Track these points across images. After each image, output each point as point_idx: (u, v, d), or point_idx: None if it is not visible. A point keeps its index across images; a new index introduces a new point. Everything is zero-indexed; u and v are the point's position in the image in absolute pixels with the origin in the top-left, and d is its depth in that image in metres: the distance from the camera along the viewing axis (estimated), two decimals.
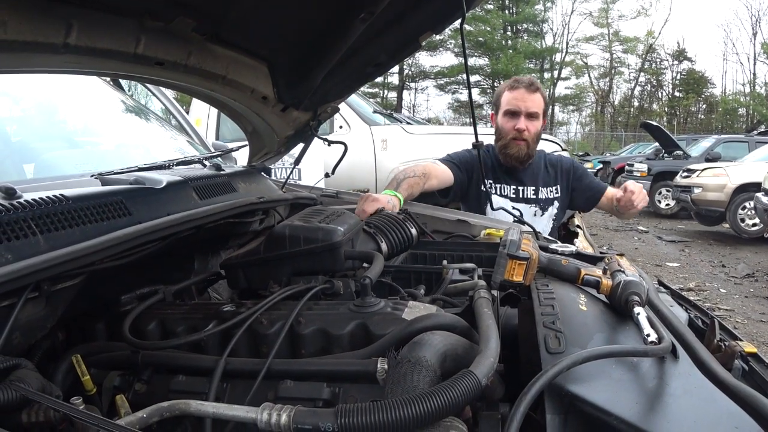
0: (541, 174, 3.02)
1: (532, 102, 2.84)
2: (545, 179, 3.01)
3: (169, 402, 0.93)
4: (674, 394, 0.93)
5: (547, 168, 3.05)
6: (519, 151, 2.87)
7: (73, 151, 2.36)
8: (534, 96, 2.85)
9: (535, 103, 2.85)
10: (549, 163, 3.07)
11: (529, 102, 2.84)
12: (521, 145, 2.86)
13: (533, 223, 2.81)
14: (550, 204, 3.01)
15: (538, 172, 3.02)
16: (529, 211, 2.95)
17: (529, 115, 2.85)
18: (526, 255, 1.34)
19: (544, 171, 3.04)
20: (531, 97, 2.85)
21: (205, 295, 1.86)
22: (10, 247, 1.04)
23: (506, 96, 2.91)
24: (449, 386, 0.84)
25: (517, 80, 2.93)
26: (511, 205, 2.90)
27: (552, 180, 3.02)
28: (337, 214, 1.67)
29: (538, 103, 2.86)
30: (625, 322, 1.17)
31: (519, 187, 2.98)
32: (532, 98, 2.85)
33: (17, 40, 1.06)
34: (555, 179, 3.03)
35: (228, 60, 1.64)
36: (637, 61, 42.85)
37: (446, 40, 36.84)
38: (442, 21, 1.74)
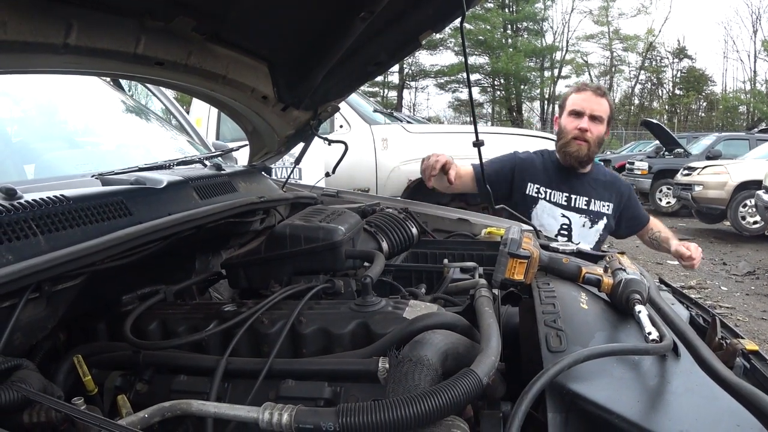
0: (596, 186, 2.95)
1: (598, 105, 2.81)
2: (600, 192, 2.94)
3: (170, 402, 0.93)
4: (676, 392, 0.93)
5: (604, 182, 2.98)
6: (579, 151, 2.82)
7: (73, 152, 2.36)
8: (600, 100, 2.82)
9: (600, 107, 2.82)
10: (606, 178, 3.02)
11: (594, 104, 2.81)
12: (582, 145, 2.81)
13: (581, 235, 2.86)
14: (600, 218, 2.93)
15: (593, 183, 2.95)
16: (578, 221, 2.89)
17: (593, 117, 2.81)
18: (527, 253, 1.34)
19: (601, 184, 2.96)
20: (597, 100, 2.82)
21: (206, 295, 1.86)
22: (11, 248, 1.04)
23: (573, 97, 2.88)
24: (450, 385, 0.84)
25: (586, 84, 2.92)
26: (560, 213, 2.88)
27: (607, 195, 2.95)
28: (338, 214, 1.67)
29: (604, 108, 2.83)
30: (626, 321, 1.17)
31: (572, 195, 2.90)
32: (598, 101, 2.82)
33: (17, 41, 1.06)
34: (610, 196, 2.95)
35: (228, 60, 1.64)
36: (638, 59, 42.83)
37: (446, 38, 36.82)
38: (442, 20, 1.74)
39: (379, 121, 6.39)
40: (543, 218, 2.90)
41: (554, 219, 2.89)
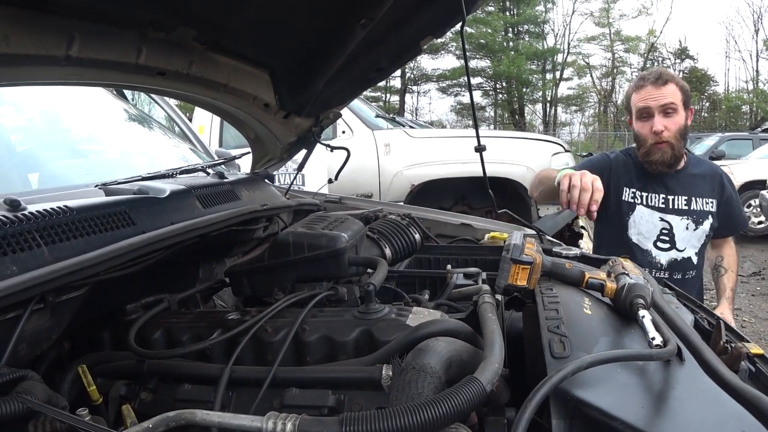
0: (695, 181, 2.60)
1: (663, 96, 2.45)
2: (701, 188, 2.59)
3: (174, 412, 0.93)
4: (680, 397, 0.93)
5: (703, 174, 2.63)
6: (663, 156, 2.49)
7: (77, 161, 2.37)
8: (664, 89, 2.46)
9: (666, 97, 2.45)
10: (705, 169, 2.66)
11: (659, 97, 2.46)
12: (663, 147, 2.48)
13: (685, 239, 2.58)
14: (705, 217, 2.58)
15: (691, 178, 2.60)
16: (681, 224, 2.57)
17: (663, 111, 2.46)
18: (530, 259, 1.34)
19: (700, 178, 2.61)
20: (660, 91, 2.46)
21: (210, 303, 1.87)
22: (15, 259, 1.05)
23: (634, 98, 2.55)
24: (454, 393, 0.84)
25: (643, 77, 2.56)
26: (658, 217, 2.58)
27: (708, 190, 2.60)
28: (341, 221, 1.68)
29: (671, 94, 2.45)
30: (630, 326, 1.17)
31: (668, 196, 2.58)
32: (662, 92, 2.46)
33: (20, 54, 1.07)
34: (712, 190, 2.60)
35: (229, 68, 1.64)
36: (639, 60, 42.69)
37: (447, 42, 36.83)
38: (443, 25, 1.74)
39: (381, 126, 6.40)
40: (641, 225, 2.61)
41: (653, 224, 2.59)
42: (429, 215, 2.53)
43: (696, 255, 2.60)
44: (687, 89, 2.52)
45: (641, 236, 2.60)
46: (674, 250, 2.58)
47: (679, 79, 2.52)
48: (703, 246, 2.62)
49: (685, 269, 2.60)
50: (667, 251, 2.58)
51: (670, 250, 2.58)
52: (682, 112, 2.48)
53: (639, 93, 2.52)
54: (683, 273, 2.60)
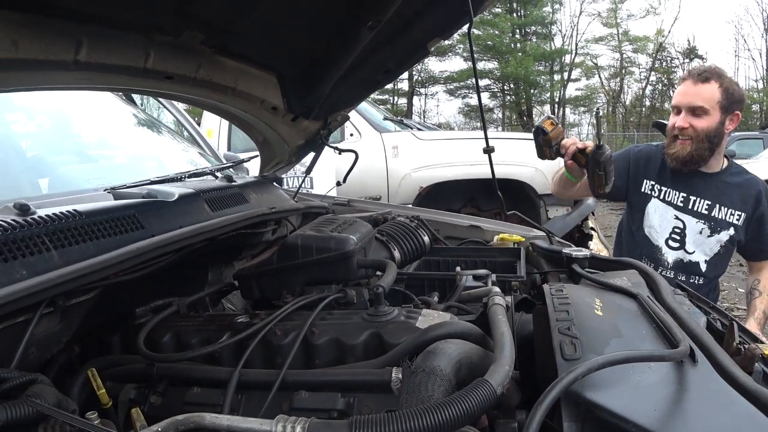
0: (727, 189, 2.53)
1: (696, 95, 2.41)
2: (731, 198, 2.52)
3: (184, 415, 0.93)
4: (693, 399, 0.92)
5: (739, 185, 2.55)
6: (679, 151, 2.47)
7: (86, 165, 2.38)
8: (701, 87, 2.41)
9: (700, 96, 2.40)
10: (743, 180, 2.57)
11: (691, 96, 2.42)
12: (683, 144, 2.46)
13: (696, 243, 2.54)
14: (725, 228, 2.52)
15: (723, 186, 2.54)
16: (695, 226, 2.54)
17: (691, 110, 2.43)
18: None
19: (734, 187, 2.54)
20: (696, 90, 2.41)
21: (219, 306, 1.87)
22: (24, 263, 1.05)
23: (680, 85, 2.53)
24: (464, 396, 0.83)
25: (690, 71, 2.51)
26: (673, 214, 2.57)
27: (739, 202, 2.52)
28: (350, 223, 1.67)
29: (707, 95, 2.39)
30: (641, 327, 1.16)
31: (691, 196, 2.55)
32: (697, 90, 2.41)
33: (28, 59, 1.07)
34: (744, 204, 2.52)
35: (237, 72, 1.64)
36: (648, 60, 42.55)
37: (455, 44, 36.82)
38: (450, 26, 1.74)
39: (389, 129, 6.39)
40: (653, 219, 2.61)
41: (666, 220, 2.59)
42: (438, 217, 2.52)
43: (706, 263, 2.56)
44: (732, 92, 2.42)
45: (652, 230, 2.60)
46: (683, 250, 2.56)
47: (729, 81, 2.44)
48: (718, 257, 2.56)
49: (690, 272, 2.57)
50: (675, 250, 2.58)
51: (678, 249, 2.57)
52: (716, 116, 2.41)
53: (680, 86, 2.51)
54: (688, 276, 2.57)
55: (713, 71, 2.44)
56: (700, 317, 1.37)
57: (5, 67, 1.06)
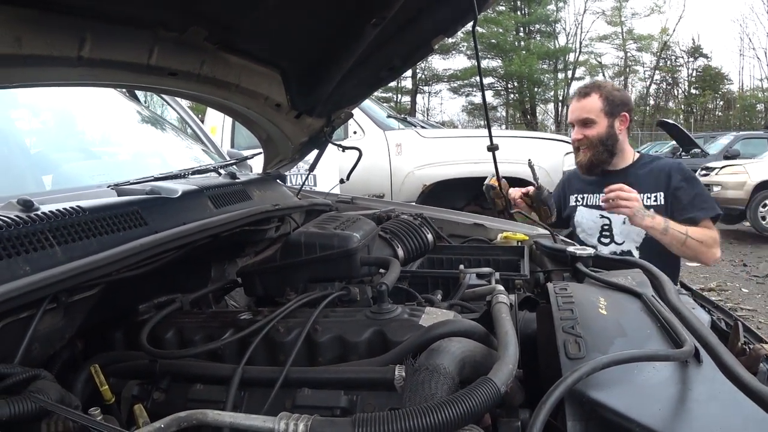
0: (638, 179, 2.75)
1: (581, 109, 2.82)
2: (644, 184, 2.73)
3: (186, 412, 0.93)
4: (698, 399, 0.91)
5: (650, 171, 2.80)
6: (582, 159, 2.86)
7: (90, 162, 2.39)
8: (584, 102, 2.82)
9: (585, 110, 2.81)
10: (654, 166, 2.82)
11: (578, 111, 2.84)
12: (584, 152, 2.84)
13: (623, 233, 2.74)
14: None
15: (634, 176, 2.77)
16: (618, 219, 2.76)
17: (582, 123, 2.82)
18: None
19: (645, 175, 2.78)
20: (580, 105, 2.83)
21: (222, 303, 1.87)
22: (28, 259, 1.05)
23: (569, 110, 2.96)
24: (468, 394, 0.83)
25: (575, 90, 2.97)
26: (598, 214, 2.81)
27: (653, 185, 2.74)
28: (353, 220, 1.67)
29: (590, 107, 2.79)
30: (646, 326, 1.15)
31: None
32: (581, 105, 2.83)
33: (32, 55, 1.07)
34: (657, 185, 2.74)
35: (240, 68, 1.64)
36: (652, 59, 42.47)
37: (458, 42, 36.83)
38: (454, 24, 1.73)
39: (392, 127, 6.40)
40: (583, 224, 2.89)
41: (593, 222, 2.85)
42: (441, 215, 2.52)
43: (638, 249, 2.73)
44: (612, 98, 2.79)
45: (585, 233, 2.87)
46: (613, 243, 2.79)
47: (609, 90, 2.83)
48: (648, 242, 2.68)
49: None
50: (607, 245, 2.82)
51: (609, 244, 2.81)
52: (603, 122, 2.78)
53: (570, 105, 2.97)
54: None
55: (593, 85, 2.89)
56: (704, 317, 1.37)
57: (9, 63, 1.06)
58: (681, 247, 2.54)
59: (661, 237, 2.54)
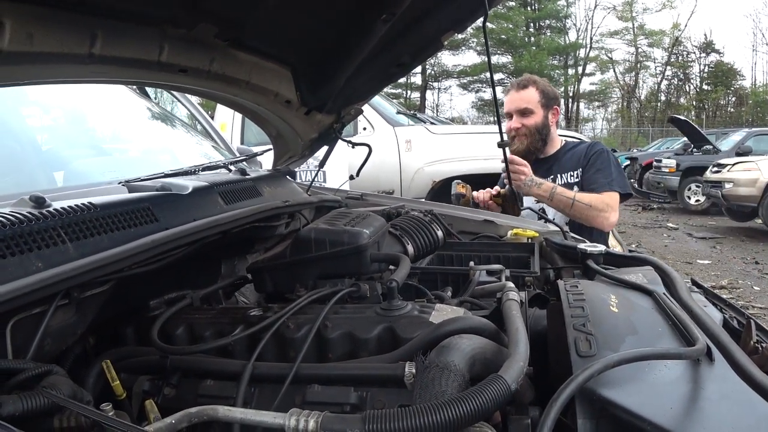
0: (562, 162, 3.04)
1: (521, 100, 3.00)
2: (565, 164, 3.03)
3: (197, 408, 0.94)
4: (710, 398, 0.91)
5: (572, 153, 3.06)
6: (518, 146, 3.00)
7: (101, 159, 2.40)
8: (523, 93, 3.00)
9: (524, 100, 2.98)
10: (574, 148, 3.09)
11: (517, 101, 3.01)
12: (520, 140, 3.00)
13: (555, 213, 2.90)
14: (570, 189, 2.91)
15: (557, 161, 3.06)
16: None
17: (520, 112, 3.00)
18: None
19: (566, 156, 3.06)
20: (519, 96, 3.01)
21: (233, 299, 1.87)
22: (40, 256, 1.06)
23: (505, 101, 3.13)
24: (479, 391, 0.83)
25: (511, 83, 3.14)
26: (534, 200, 2.96)
27: (572, 164, 3.01)
28: (363, 217, 1.67)
29: (528, 98, 2.98)
30: (657, 324, 1.14)
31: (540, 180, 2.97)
32: (521, 96, 3.00)
33: (44, 52, 1.08)
34: (576, 163, 3.01)
35: (250, 65, 1.64)
36: (663, 54, 42.15)
37: (468, 38, 36.70)
38: (464, 20, 1.73)
39: (402, 123, 6.39)
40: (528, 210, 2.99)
41: (533, 205, 2.98)
42: (451, 212, 2.52)
43: (567, 224, 2.80)
44: (548, 92, 3.05)
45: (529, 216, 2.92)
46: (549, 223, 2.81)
47: (543, 84, 3.07)
48: None
49: None
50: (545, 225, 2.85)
51: (546, 223, 2.80)
52: (539, 113, 3.01)
53: (506, 97, 3.13)
54: None
55: (529, 78, 3.10)
56: (716, 315, 1.36)
57: (21, 60, 1.06)
58: (570, 211, 2.79)
59: (549, 203, 2.82)
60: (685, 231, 11.27)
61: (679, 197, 13.91)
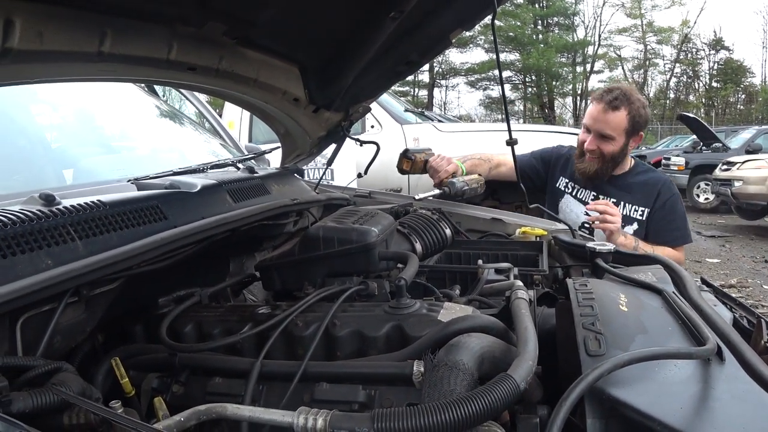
0: (631, 188, 2.76)
1: (606, 123, 2.63)
2: (635, 195, 2.75)
3: (206, 405, 0.94)
4: (721, 398, 0.90)
5: (644, 183, 2.77)
6: (587, 167, 2.73)
7: (110, 157, 2.41)
8: (611, 116, 2.62)
9: (609, 125, 2.63)
10: (647, 179, 2.79)
11: (602, 123, 2.64)
12: (590, 161, 2.71)
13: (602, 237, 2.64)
14: (629, 223, 2.73)
15: (627, 186, 2.78)
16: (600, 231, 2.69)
17: (600, 135, 2.66)
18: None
19: (638, 185, 2.77)
20: (606, 117, 2.63)
21: (241, 297, 1.88)
22: (50, 253, 1.06)
23: (589, 108, 2.74)
24: (488, 390, 0.82)
25: (606, 91, 2.68)
26: (584, 211, 2.79)
27: (642, 199, 2.74)
28: (371, 215, 1.67)
29: (615, 124, 2.62)
30: (667, 323, 1.14)
31: (600, 195, 2.79)
32: (607, 119, 2.63)
33: (53, 50, 1.08)
34: (647, 199, 2.74)
35: (259, 63, 1.64)
36: (672, 51, 41.90)
37: (476, 36, 36.59)
38: (473, 17, 1.73)
39: (410, 121, 6.38)
40: (566, 213, 2.85)
41: (576, 216, 2.83)
42: (459, 210, 2.51)
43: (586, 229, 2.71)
44: (638, 119, 2.65)
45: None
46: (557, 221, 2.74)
47: (637, 107, 2.64)
48: None
49: None
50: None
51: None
52: (621, 140, 2.66)
53: (593, 106, 2.71)
54: None
55: (624, 97, 2.63)
56: (726, 314, 1.35)
57: (31, 58, 1.07)
58: None
59: None
60: (694, 229, 11.19)
61: (687, 195, 13.83)
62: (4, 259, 0.99)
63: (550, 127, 7.44)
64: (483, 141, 5.84)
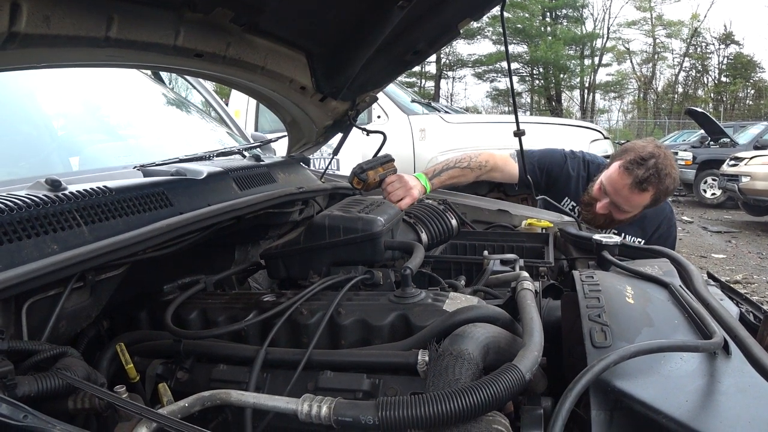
0: (635, 222, 2.64)
1: (627, 202, 2.41)
2: (637, 231, 2.69)
3: (210, 392, 0.94)
4: (726, 392, 0.89)
5: (646, 219, 2.68)
6: (593, 221, 2.56)
7: (116, 144, 2.41)
8: (636, 197, 2.39)
9: (630, 204, 2.42)
10: (651, 216, 2.69)
11: (623, 199, 2.41)
12: (597, 216, 2.54)
13: None
14: None
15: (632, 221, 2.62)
16: None
17: (616, 207, 2.47)
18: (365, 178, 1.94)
19: (639, 223, 2.67)
20: (630, 197, 2.39)
21: (246, 285, 1.88)
22: (56, 238, 1.06)
23: (616, 172, 2.41)
24: (492, 380, 0.82)
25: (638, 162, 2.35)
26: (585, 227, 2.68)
27: (640, 232, 2.70)
28: (377, 204, 1.66)
29: (637, 203, 2.42)
30: (674, 316, 1.13)
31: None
32: (631, 198, 2.40)
33: (60, 35, 1.08)
34: (644, 232, 2.71)
35: (266, 50, 1.64)
36: (682, 45, 41.58)
37: (484, 27, 36.41)
38: (481, 8, 1.71)
39: (416, 112, 6.36)
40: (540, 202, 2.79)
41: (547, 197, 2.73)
42: (465, 201, 2.50)
43: None
44: (663, 195, 2.44)
45: None
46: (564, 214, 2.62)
47: (667, 184, 2.39)
48: None
49: None
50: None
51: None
52: (636, 213, 2.50)
53: (618, 173, 2.40)
54: None
55: (656, 177, 2.35)
56: (732, 308, 1.34)
57: (37, 43, 1.06)
58: None
59: None
60: (700, 225, 11.15)
61: (694, 190, 13.77)
62: (10, 243, 0.99)
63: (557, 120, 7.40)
64: (490, 133, 5.82)
